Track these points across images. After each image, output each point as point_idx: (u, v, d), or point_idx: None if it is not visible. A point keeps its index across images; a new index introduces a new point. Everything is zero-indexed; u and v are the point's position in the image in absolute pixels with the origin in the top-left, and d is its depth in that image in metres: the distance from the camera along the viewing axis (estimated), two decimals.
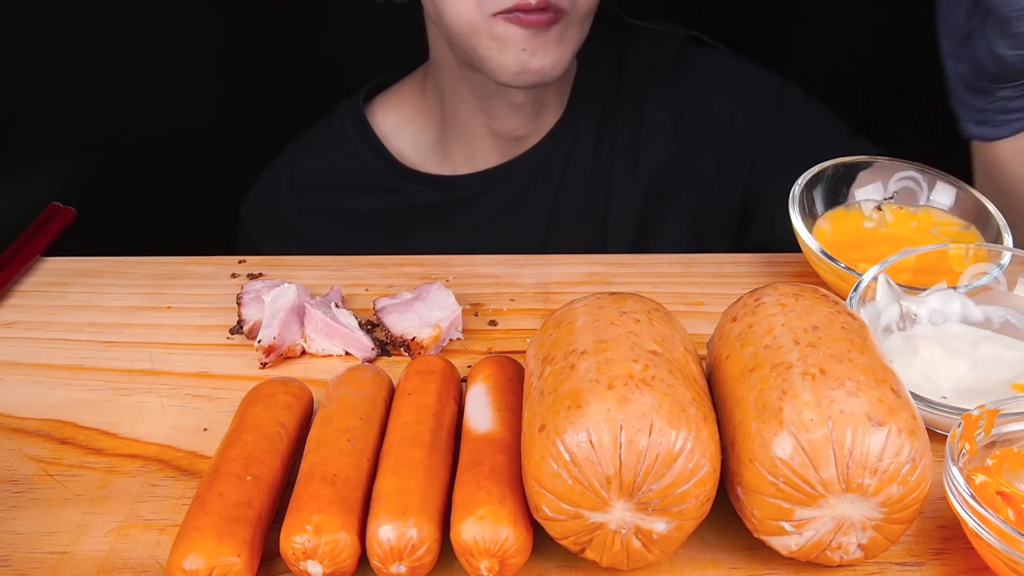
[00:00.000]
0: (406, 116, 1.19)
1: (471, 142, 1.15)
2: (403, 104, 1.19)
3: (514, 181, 1.16)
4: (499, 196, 1.16)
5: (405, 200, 1.17)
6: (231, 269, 0.93)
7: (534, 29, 0.95)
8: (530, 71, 0.98)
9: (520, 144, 1.15)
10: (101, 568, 0.61)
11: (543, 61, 0.98)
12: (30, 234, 0.95)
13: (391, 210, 1.17)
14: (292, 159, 1.22)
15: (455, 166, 1.17)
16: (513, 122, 1.12)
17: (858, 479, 0.54)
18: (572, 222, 1.16)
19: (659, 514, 0.55)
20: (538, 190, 1.16)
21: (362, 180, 1.18)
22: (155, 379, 0.78)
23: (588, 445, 0.54)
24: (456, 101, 1.12)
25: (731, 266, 0.93)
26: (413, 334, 0.80)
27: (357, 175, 1.18)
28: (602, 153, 1.16)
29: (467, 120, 1.13)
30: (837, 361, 0.57)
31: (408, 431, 0.63)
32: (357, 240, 1.16)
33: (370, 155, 1.17)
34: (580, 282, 0.90)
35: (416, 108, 1.18)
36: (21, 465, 0.69)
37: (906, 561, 0.61)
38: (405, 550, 0.56)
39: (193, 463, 0.69)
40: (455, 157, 1.16)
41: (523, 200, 1.16)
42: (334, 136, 1.19)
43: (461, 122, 1.13)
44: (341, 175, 1.19)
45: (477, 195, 1.16)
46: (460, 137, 1.15)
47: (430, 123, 1.17)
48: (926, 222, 0.91)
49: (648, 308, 0.64)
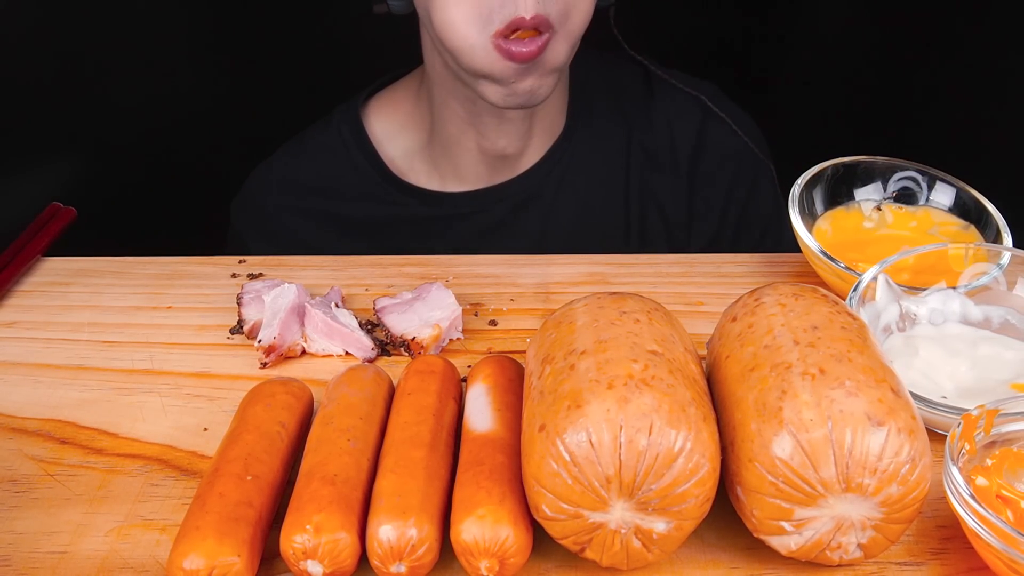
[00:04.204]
0: (398, 121, 1.18)
1: (459, 156, 1.13)
2: (397, 108, 1.19)
3: (505, 204, 1.15)
4: (489, 217, 1.15)
5: (394, 211, 1.16)
6: (231, 269, 0.93)
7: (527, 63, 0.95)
8: (517, 94, 0.98)
9: (508, 162, 1.14)
10: (101, 568, 0.61)
11: (529, 84, 0.98)
12: (30, 234, 0.95)
13: (379, 219, 1.17)
14: (284, 160, 1.21)
15: (443, 176, 1.16)
16: (503, 140, 1.10)
17: (858, 479, 0.54)
18: (562, 247, 1.15)
19: (659, 514, 0.55)
20: (529, 213, 1.15)
21: (353, 187, 1.17)
22: (155, 379, 0.78)
23: (588, 445, 0.54)
24: (445, 116, 1.11)
25: (731, 266, 0.93)
26: (413, 334, 0.80)
27: (348, 181, 1.17)
28: (596, 179, 1.16)
29: (455, 135, 1.12)
30: (837, 361, 0.57)
31: (408, 431, 0.63)
32: (343, 245, 1.15)
33: (363, 162, 1.17)
34: (580, 282, 0.90)
35: (409, 114, 1.17)
36: (21, 465, 0.69)
37: (906, 561, 0.61)
38: (405, 550, 0.57)
39: (193, 463, 0.70)
40: (443, 168, 1.16)
41: (512, 222, 1.16)
42: (329, 140, 1.19)
43: (449, 136, 1.12)
44: (332, 180, 1.18)
45: (467, 214, 1.15)
46: (448, 151, 1.14)
47: (420, 132, 1.16)
48: (926, 222, 0.91)
49: (648, 308, 0.64)
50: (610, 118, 1.18)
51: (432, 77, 1.10)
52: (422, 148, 1.16)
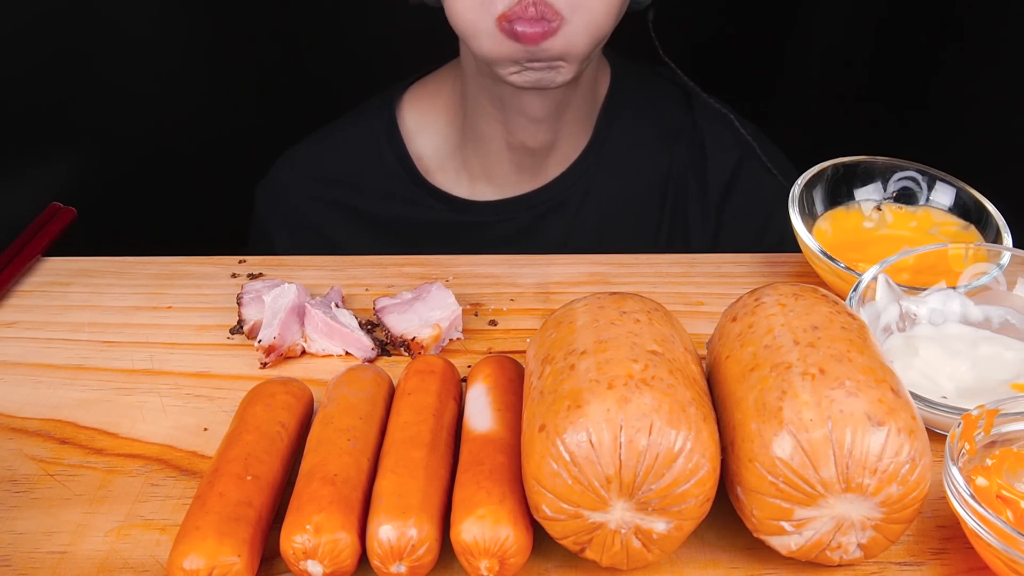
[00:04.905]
0: (430, 116, 1.17)
1: (490, 154, 1.12)
2: (431, 100, 1.17)
3: (532, 211, 1.14)
4: (514, 224, 1.14)
5: (418, 213, 1.15)
6: (231, 269, 0.93)
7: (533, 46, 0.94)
8: (534, 70, 0.97)
9: (537, 160, 1.13)
10: (101, 568, 0.61)
11: (543, 72, 0.97)
12: (30, 234, 0.95)
13: (403, 219, 1.16)
14: (312, 148, 1.20)
15: (472, 176, 1.15)
16: (532, 137, 1.10)
17: (858, 479, 0.54)
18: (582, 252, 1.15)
19: (659, 514, 0.55)
20: (553, 220, 1.15)
21: (379, 184, 1.16)
22: (155, 379, 0.78)
23: (588, 445, 0.54)
24: (476, 110, 1.10)
25: (731, 266, 0.93)
26: (413, 334, 0.80)
27: (375, 178, 1.16)
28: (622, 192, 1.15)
29: (486, 131, 1.11)
30: (837, 361, 0.57)
31: (408, 431, 0.63)
32: (363, 239, 1.15)
33: (392, 160, 1.15)
34: (580, 282, 0.90)
35: (444, 105, 1.16)
36: (21, 465, 0.69)
37: (906, 561, 0.61)
38: (405, 550, 0.57)
39: (193, 463, 0.70)
40: (473, 167, 1.15)
41: (536, 228, 1.15)
42: (359, 133, 1.18)
43: (480, 132, 1.11)
44: (358, 175, 1.17)
45: (493, 222, 1.14)
46: (479, 148, 1.13)
47: (452, 127, 1.15)
48: (926, 222, 0.91)
49: (648, 308, 0.64)
50: (641, 133, 1.16)
51: (465, 70, 1.10)
52: (454, 145, 1.15)
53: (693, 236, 1.17)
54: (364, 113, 1.19)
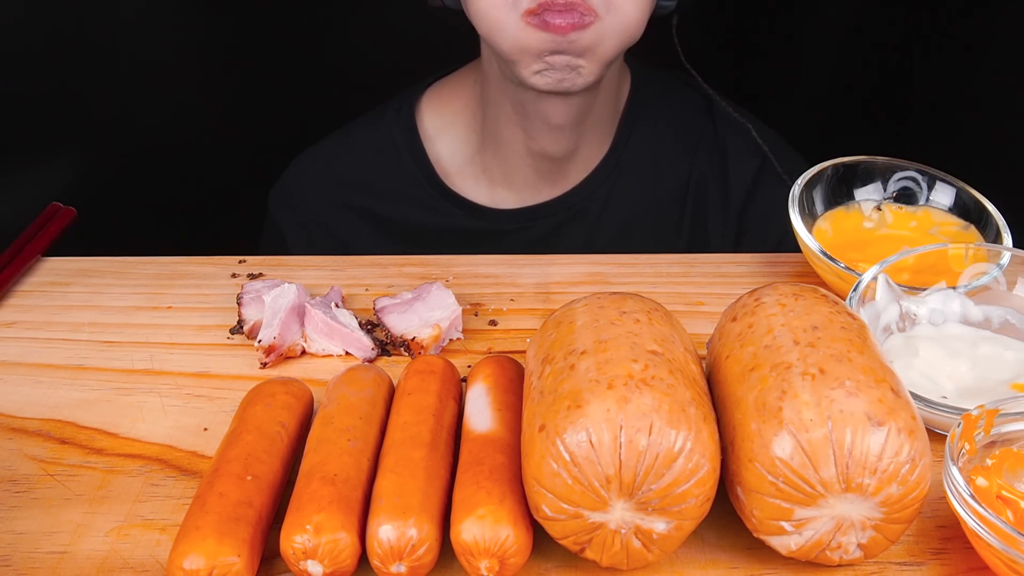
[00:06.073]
0: (449, 119, 1.15)
1: (510, 159, 1.11)
2: (451, 102, 1.15)
3: (552, 219, 1.13)
4: (534, 232, 1.13)
5: (436, 219, 1.13)
6: (231, 269, 0.93)
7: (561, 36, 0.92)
8: (555, 67, 0.95)
9: (557, 166, 1.11)
10: (101, 568, 0.61)
11: (566, 60, 0.95)
12: (30, 234, 0.95)
13: (420, 224, 1.14)
14: (329, 151, 1.18)
15: (492, 182, 1.14)
16: (553, 144, 1.08)
17: (858, 479, 0.54)
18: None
19: (659, 514, 0.55)
20: (573, 228, 1.14)
21: (397, 189, 1.14)
22: (155, 379, 0.78)
23: (588, 445, 0.54)
24: (497, 115, 1.09)
25: (731, 266, 0.93)
26: (413, 334, 0.80)
27: (392, 182, 1.14)
28: (642, 195, 1.14)
29: (507, 136, 1.09)
30: (837, 361, 0.57)
31: (408, 431, 0.63)
32: (377, 243, 1.13)
33: (411, 164, 1.13)
34: (580, 282, 0.90)
35: (463, 106, 1.14)
36: (21, 465, 0.69)
37: (905, 561, 0.61)
38: (405, 550, 0.57)
39: (193, 463, 0.70)
40: (493, 172, 1.13)
41: (556, 236, 1.14)
42: (378, 136, 1.15)
43: (501, 137, 1.10)
44: (375, 179, 1.15)
45: (512, 230, 1.13)
46: (499, 153, 1.11)
47: (471, 131, 1.13)
48: (926, 222, 0.91)
49: (648, 308, 0.64)
50: (662, 140, 1.15)
51: (486, 73, 1.08)
52: (473, 149, 1.14)
53: (713, 244, 1.16)
54: (382, 114, 1.17)
